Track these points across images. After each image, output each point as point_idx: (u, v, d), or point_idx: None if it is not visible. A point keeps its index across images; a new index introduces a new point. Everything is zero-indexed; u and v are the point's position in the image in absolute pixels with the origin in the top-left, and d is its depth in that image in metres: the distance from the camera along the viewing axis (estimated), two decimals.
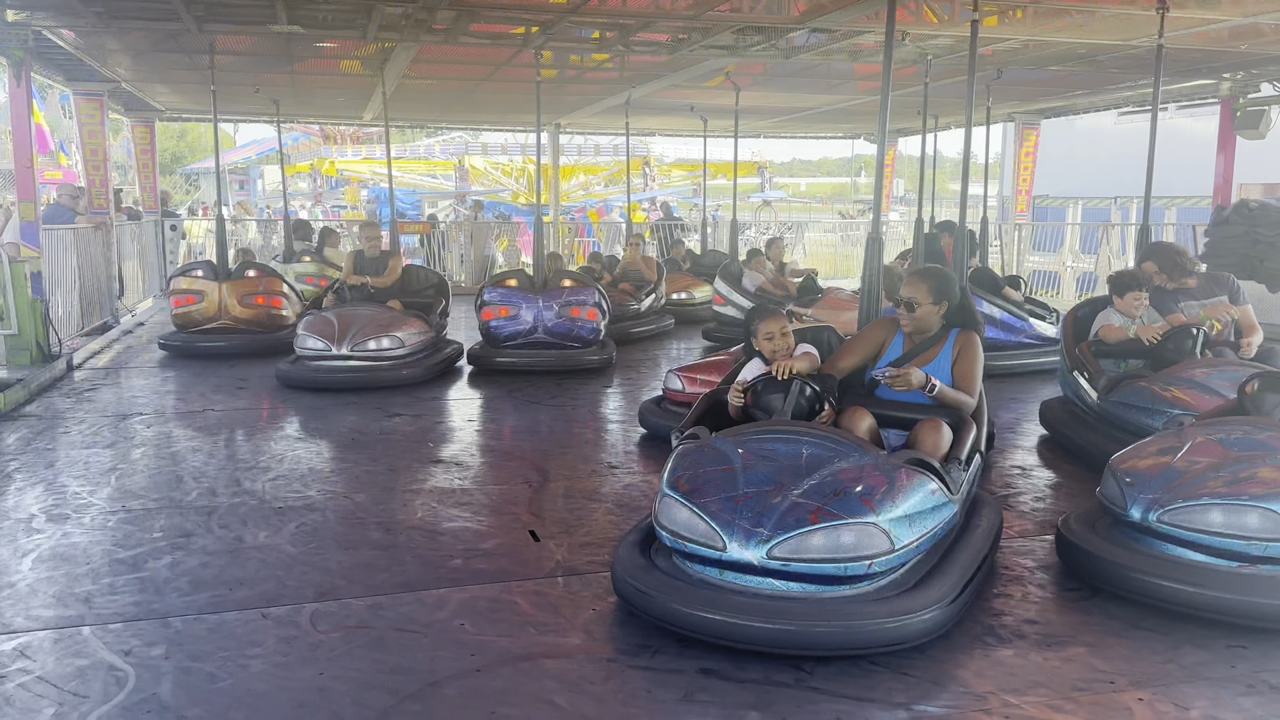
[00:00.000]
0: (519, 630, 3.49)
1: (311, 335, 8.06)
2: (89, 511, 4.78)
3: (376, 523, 4.67)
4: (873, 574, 3.33)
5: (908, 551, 3.40)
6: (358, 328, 8.08)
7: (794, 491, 3.39)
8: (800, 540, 3.26)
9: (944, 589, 3.35)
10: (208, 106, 10.20)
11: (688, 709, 2.98)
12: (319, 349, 7.97)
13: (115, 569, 4.04)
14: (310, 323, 8.26)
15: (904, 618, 3.19)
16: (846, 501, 3.34)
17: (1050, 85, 12.25)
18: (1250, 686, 3.16)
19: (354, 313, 8.38)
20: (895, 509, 3.36)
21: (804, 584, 3.32)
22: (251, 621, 3.55)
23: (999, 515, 4.21)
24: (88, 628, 3.48)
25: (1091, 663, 3.31)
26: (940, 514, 3.56)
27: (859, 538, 3.28)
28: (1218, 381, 5.39)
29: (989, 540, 3.91)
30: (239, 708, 2.95)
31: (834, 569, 3.28)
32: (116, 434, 6.38)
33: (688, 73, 10.67)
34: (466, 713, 2.95)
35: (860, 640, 3.20)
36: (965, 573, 3.52)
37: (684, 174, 27.58)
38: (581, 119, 16.24)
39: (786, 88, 12.40)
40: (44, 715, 2.91)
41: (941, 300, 4.35)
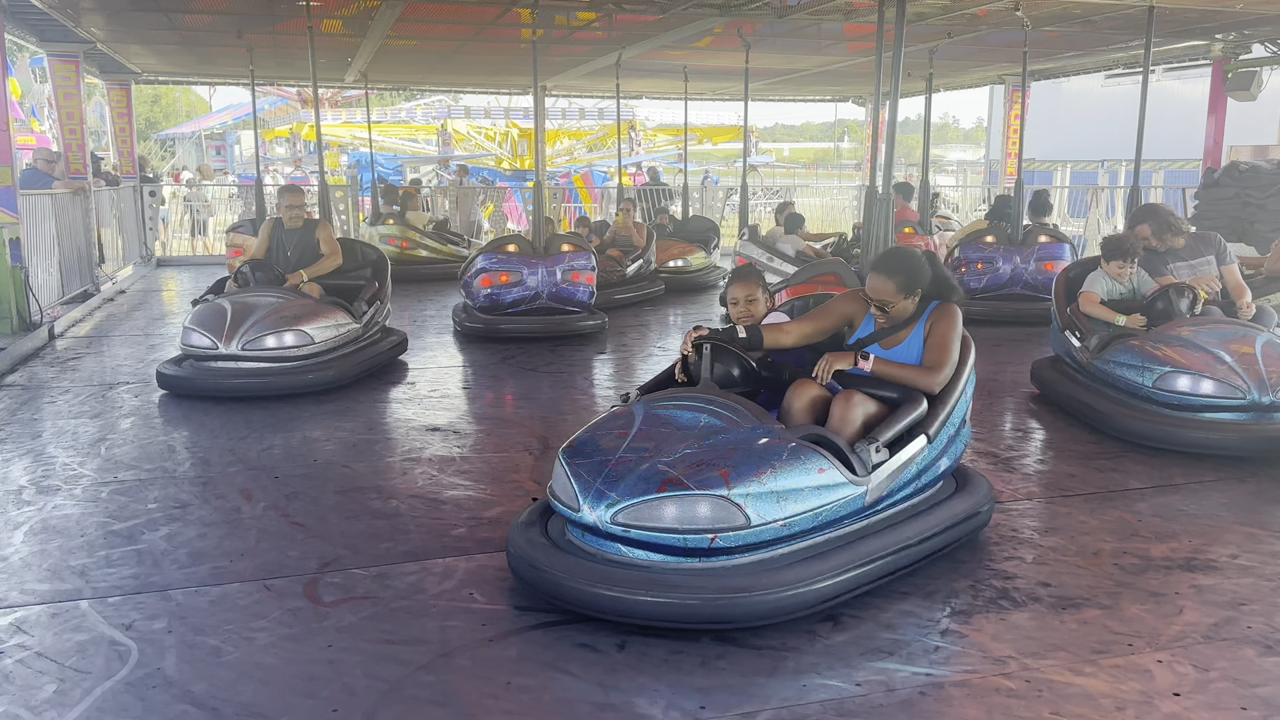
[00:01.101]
0: (529, 598, 3.44)
1: (197, 330, 6.50)
2: (80, 482, 4.69)
3: (376, 492, 4.60)
4: (718, 549, 3.18)
5: (772, 529, 3.21)
6: (253, 320, 6.51)
7: (663, 459, 3.29)
8: (644, 508, 3.18)
9: (803, 574, 3.19)
10: (185, 68, 10.04)
11: (706, 675, 2.94)
12: (204, 346, 6.46)
13: (111, 541, 3.96)
14: (199, 314, 6.67)
15: (735, 595, 3.09)
16: (704, 473, 3.21)
17: (1041, 47, 12.15)
18: (1268, 647, 3.15)
19: (253, 301, 6.74)
20: (759, 485, 3.19)
21: (649, 552, 3.23)
22: (255, 593, 3.48)
23: (973, 500, 3.93)
24: (85, 601, 3.41)
25: (1108, 625, 3.29)
26: (829, 494, 3.33)
27: (709, 510, 3.16)
28: (1206, 339, 5.46)
29: (932, 529, 3.67)
30: (247, 681, 2.89)
31: (674, 539, 3.17)
32: (103, 403, 6.27)
33: (678, 33, 10.51)
34: (481, 683, 2.90)
35: (681, 614, 3.11)
36: (851, 560, 3.33)
37: (669, 138, 27.36)
38: (569, 81, 16.02)
39: (776, 49, 12.26)
40: (46, 692, 2.84)
41: (913, 290, 3.91)
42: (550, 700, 2.82)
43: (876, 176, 7.72)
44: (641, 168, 23.39)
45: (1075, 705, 2.80)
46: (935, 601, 3.47)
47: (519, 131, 24.95)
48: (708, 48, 11.66)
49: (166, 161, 32.39)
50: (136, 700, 2.80)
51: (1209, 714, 2.77)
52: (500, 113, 25.48)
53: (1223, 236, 6.53)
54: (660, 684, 2.90)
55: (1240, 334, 5.52)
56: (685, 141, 17.08)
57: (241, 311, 6.56)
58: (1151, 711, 2.77)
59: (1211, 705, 2.81)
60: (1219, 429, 5.20)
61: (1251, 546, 4.04)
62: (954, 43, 11.28)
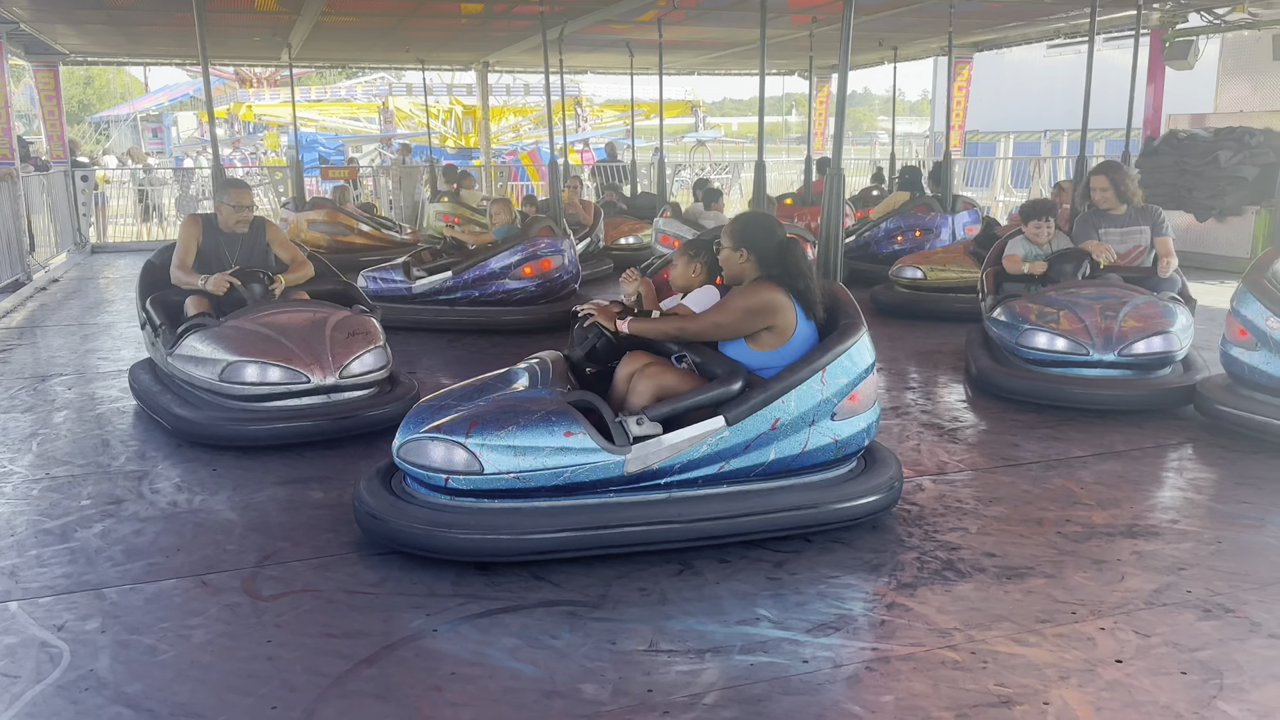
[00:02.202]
0: (476, 588, 3.40)
1: (268, 363, 4.97)
2: (10, 480, 4.55)
3: (318, 482, 4.52)
4: (456, 489, 3.54)
5: (504, 480, 3.48)
6: (333, 341, 5.21)
7: (458, 409, 3.69)
8: (412, 445, 3.62)
9: (514, 523, 3.46)
10: (114, 49, 9.74)
11: (652, 658, 2.93)
12: (289, 381, 5.02)
13: (42, 539, 3.85)
14: (238, 341, 5.05)
15: (439, 529, 3.47)
16: (459, 423, 3.57)
17: (984, 18, 12.23)
18: (1207, 611, 3.21)
19: (297, 318, 5.33)
20: (498, 438, 3.48)
21: (416, 485, 3.69)
22: (191, 590, 3.40)
23: (837, 491, 3.80)
24: (14, 603, 3.30)
25: (1052, 593, 3.33)
26: (575, 457, 3.48)
27: (445, 454, 3.52)
28: (1082, 298, 5.80)
29: (747, 510, 3.66)
30: (183, 680, 2.82)
31: (423, 475, 3.59)
32: (35, 397, 6.10)
33: (620, 6, 10.41)
34: (424, 674, 2.86)
35: (405, 540, 3.55)
36: (593, 524, 3.51)
37: (616, 114, 27.20)
38: (511, 56, 15.83)
39: (719, 22, 12.19)
40: None
41: (740, 247, 3.89)
42: (496, 690, 2.78)
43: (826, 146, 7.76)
44: (589, 144, 23.25)
45: (1020, 675, 2.83)
46: (881, 574, 3.49)
47: (463, 109, 24.65)
48: (651, 22, 11.56)
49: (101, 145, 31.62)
50: (68, 704, 2.72)
51: (1150, 679, 2.81)
52: (443, 89, 25.12)
53: (1162, 206, 6.65)
54: (607, 667, 2.88)
55: (1118, 296, 5.78)
56: (633, 118, 16.97)
57: (301, 331, 5.19)
58: (1094, 679, 2.81)
59: (1153, 671, 2.85)
60: (1070, 383, 5.59)
61: (1190, 511, 4.13)
62: (897, 14, 11.31)
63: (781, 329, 3.76)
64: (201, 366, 5.06)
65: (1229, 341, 5.10)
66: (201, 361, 5.06)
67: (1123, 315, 5.62)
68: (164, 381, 5.45)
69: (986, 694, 2.74)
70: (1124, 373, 5.57)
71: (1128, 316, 5.61)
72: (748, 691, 2.75)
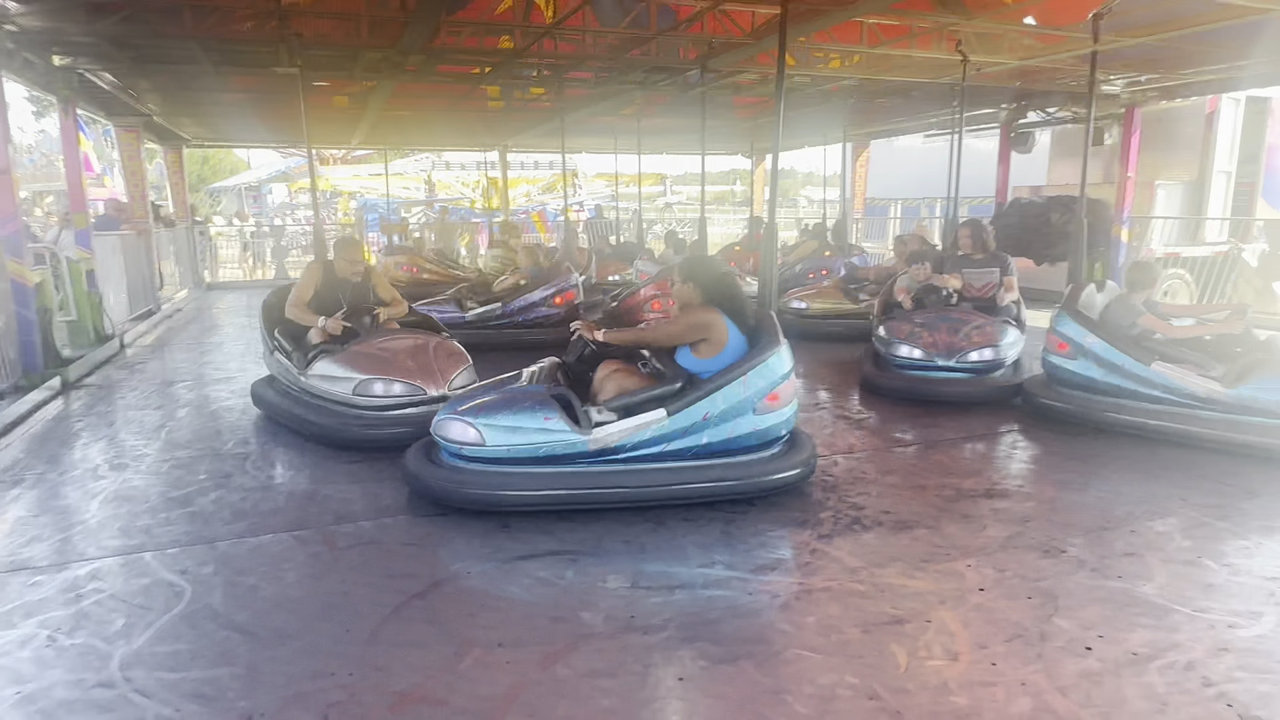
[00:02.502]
0: (500, 540, 3.38)
1: (393, 378, 4.68)
2: (145, 460, 4.49)
3: (374, 463, 4.45)
4: (464, 455, 3.66)
5: (500, 450, 3.59)
6: (445, 363, 4.94)
7: (478, 398, 3.79)
8: (441, 423, 3.74)
9: (506, 482, 3.56)
10: (225, 136, 9.65)
11: (633, 593, 2.92)
12: (405, 394, 4.69)
13: (169, 505, 3.79)
14: (362, 362, 4.76)
15: (456, 486, 3.60)
16: (472, 408, 3.68)
17: (876, 114, 12.32)
18: (1046, 552, 3.23)
19: (413, 342, 5.01)
20: (495, 419, 3.60)
21: (445, 454, 3.78)
22: (284, 543, 3.37)
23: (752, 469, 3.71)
24: (149, 553, 3.27)
25: (933, 540, 3.35)
26: (551, 436, 3.56)
27: (461, 430, 3.64)
28: (937, 320, 5.89)
29: (684, 480, 3.64)
30: (279, 611, 2.79)
31: (449, 446, 3.71)
32: (164, 398, 6.01)
33: (608, 103, 10.43)
34: (461, 605, 2.84)
35: (436, 492, 3.66)
36: (564, 484, 3.56)
37: (605, 183, 27.24)
38: (525, 140, 15.81)
39: (681, 115, 12.21)
40: (116, 625, 2.71)
41: (688, 279, 3.85)
42: (516, 616, 2.77)
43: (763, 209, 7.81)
44: (584, 206, 23.20)
45: (909, 601, 2.84)
46: (806, 528, 3.49)
47: (488, 179, 24.61)
48: (631, 115, 11.57)
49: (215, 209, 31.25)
50: (190, 629, 2.69)
51: (1005, 602, 2.83)
52: (474, 165, 25.06)
53: (1009, 254, 6.73)
54: (599, 599, 2.88)
55: (964, 319, 5.86)
56: (616, 186, 16.98)
57: (412, 353, 4.89)
58: (963, 603, 2.82)
59: (1007, 596, 2.87)
60: (925, 383, 5.64)
61: (1032, 478, 4.16)
62: (810, 111, 11.39)
63: (716, 341, 3.74)
64: (336, 384, 4.75)
65: (1050, 352, 5.15)
66: (336, 379, 4.75)
67: (963, 333, 5.70)
68: (291, 395, 5.07)
69: (884, 614, 2.75)
70: (964, 374, 5.64)
71: (967, 334, 5.70)
72: (705, 616, 2.75)
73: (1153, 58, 8.05)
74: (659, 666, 2.47)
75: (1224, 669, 2.45)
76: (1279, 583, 2.96)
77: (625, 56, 7.77)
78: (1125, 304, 5.06)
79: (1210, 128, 10.68)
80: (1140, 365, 4.73)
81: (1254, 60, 7.63)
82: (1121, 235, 10.43)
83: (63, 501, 3.86)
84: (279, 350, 5.25)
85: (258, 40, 6.90)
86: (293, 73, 7.68)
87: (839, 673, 2.43)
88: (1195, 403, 4.60)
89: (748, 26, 7.07)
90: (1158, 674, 2.42)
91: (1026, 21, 6.89)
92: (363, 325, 5.23)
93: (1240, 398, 4.46)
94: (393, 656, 2.52)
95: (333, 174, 25.69)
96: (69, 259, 7.72)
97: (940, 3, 6.79)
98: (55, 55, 7.46)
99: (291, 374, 5.07)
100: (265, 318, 5.60)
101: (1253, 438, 4.37)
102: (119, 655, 2.54)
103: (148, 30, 6.48)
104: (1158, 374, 4.69)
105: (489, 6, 7.00)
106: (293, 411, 4.93)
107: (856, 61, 8.29)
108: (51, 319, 6.70)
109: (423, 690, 2.36)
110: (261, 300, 5.74)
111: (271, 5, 6.12)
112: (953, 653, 2.53)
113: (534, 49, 7.42)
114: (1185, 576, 3.01)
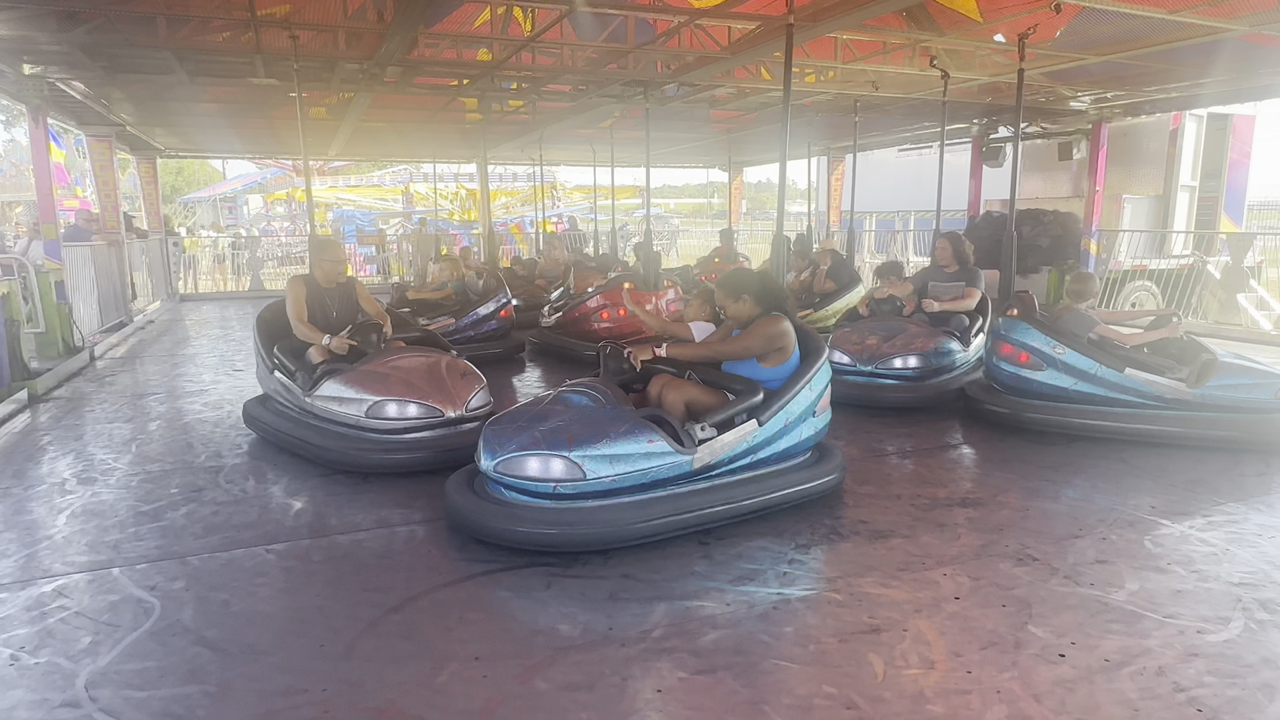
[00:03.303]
0: (478, 554, 3.34)
1: (409, 401, 4.44)
2: (114, 474, 4.40)
3: (349, 475, 4.40)
4: (559, 494, 3.29)
5: (605, 482, 3.28)
6: (452, 383, 4.64)
7: (539, 428, 3.40)
8: (511, 461, 3.34)
9: (621, 517, 3.27)
10: (199, 146, 9.55)
11: (611, 604, 2.90)
12: (424, 417, 4.46)
13: (139, 520, 3.72)
14: (373, 383, 4.50)
15: (563, 528, 3.24)
16: (555, 438, 3.33)
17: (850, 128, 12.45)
18: (1019, 560, 3.26)
19: (422, 362, 4.75)
20: (596, 450, 3.28)
21: (517, 494, 3.37)
22: (257, 557, 3.31)
23: (811, 473, 3.80)
24: (117, 569, 3.19)
25: (908, 549, 3.36)
26: (656, 459, 3.34)
27: (550, 466, 3.28)
28: (874, 329, 6.00)
29: (768, 491, 3.63)
30: (251, 626, 2.74)
31: (529, 484, 3.31)
32: (134, 410, 5.91)
33: (586, 116, 10.45)
34: (437, 618, 2.80)
35: (527, 539, 3.27)
36: (672, 511, 3.36)
37: (582, 195, 27.29)
38: (504, 153, 15.80)
39: (657, 129, 12.28)
40: (82, 644, 2.64)
41: (740, 295, 3.81)
42: (494, 630, 2.74)
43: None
44: (563, 218, 23.21)
45: (885, 610, 2.85)
46: (784, 539, 3.49)
47: (466, 191, 24.54)
48: (608, 128, 11.61)
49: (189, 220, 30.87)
50: (159, 646, 2.63)
51: (980, 610, 2.84)
52: (451, 177, 25.00)
53: (981, 267, 6.81)
54: (578, 612, 2.85)
55: (899, 329, 5.96)
56: (594, 198, 17.03)
57: (425, 373, 4.63)
58: (939, 612, 2.83)
59: (981, 604, 2.89)
60: (855, 388, 5.73)
61: (1006, 487, 4.18)
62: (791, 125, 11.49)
63: (787, 349, 3.79)
64: (346, 405, 4.41)
65: (1007, 362, 5.17)
66: (346, 401, 4.41)
67: (891, 341, 5.81)
68: (291, 417, 4.73)
69: (861, 624, 2.75)
70: (892, 381, 5.73)
71: (894, 342, 5.79)
72: (684, 627, 2.74)
73: (1118, 75, 8.22)
74: (637, 679, 2.45)
75: (1194, 674, 2.47)
76: (1245, 588, 3.01)
77: (603, 70, 7.81)
78: (1078, 315, 5.16)
79: (1174, 144, 10.92)
80: (1114, 372, 4.84)
81: (1213, 79, 7.82)
82: (1090, 248, 10.61)
83: (28, 517, 3.77)
84: (280, 369, 4.86)
85: (234, 51, 6.84)
86: (270, 83, 7.62)
87: (817, 682, 2.43)
88: (1162, 404, 4.82)
89: (724, 41, 7.13)
90: (1129, 680, 2.44)
91: (996, 39, 7.01)
92: (370, 343, 4.87)
93: (1204, 396, 4.74)
94: (368, 672, 2.48)
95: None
96: (38, 270, 7.59)
97: (912, 20, 6.89)
98: (25, 64, 7.36)
99: (294, 394, 4.71)
100: (262, 334, 5.17)
101: (1219, 432, 4.67)
102: (85, 674, 2.48)
103: (121, 39, 6.40)
104: (1131, 379, 4.82)
105: (467, 19, 7.01)
106: (295, 434, 4.59)
107: (831, 77, 8.38)
108: (19, 331, 6.57)
109: (399, 706, 2.32)
110: (256, 314, 5.31)
111: (248, 16, 6.07)
112: (929, 661, 2.53)
113: (512, 62, 7.43)
114: (1155, 583, 3.05)
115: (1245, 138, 11.55)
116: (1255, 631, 2.71)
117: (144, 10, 6.13)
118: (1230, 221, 11.56)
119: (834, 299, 8.61)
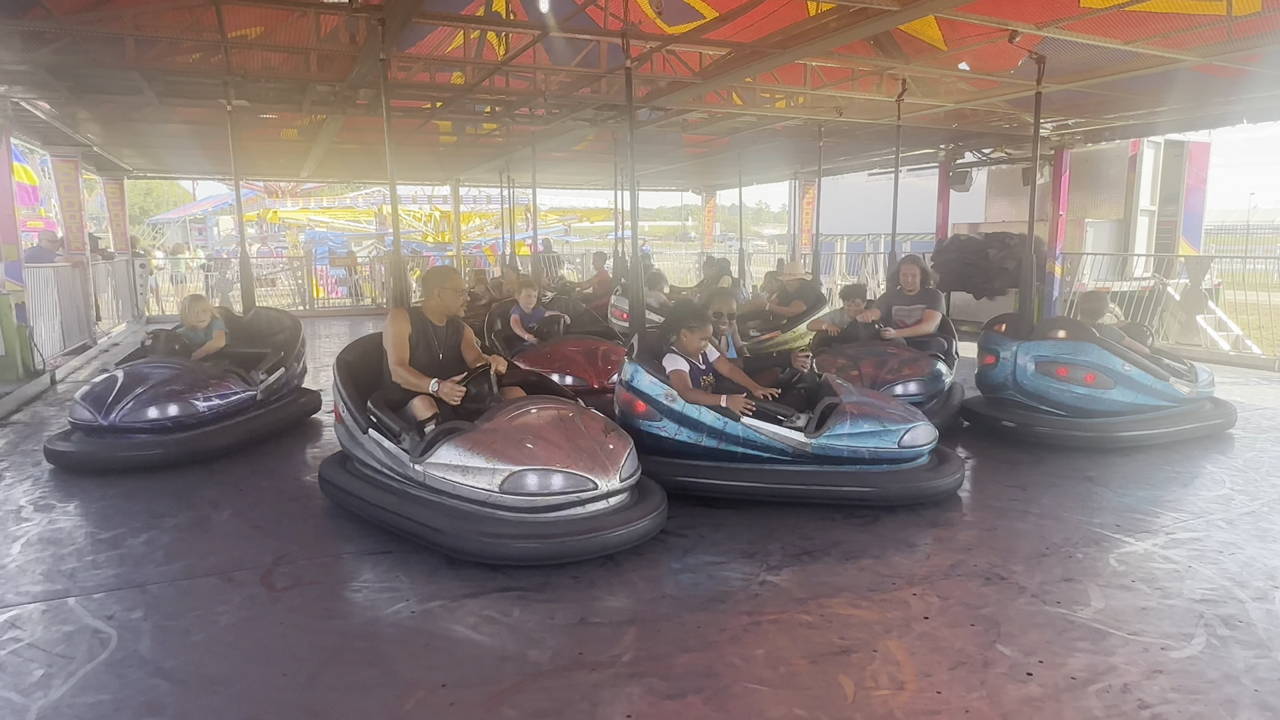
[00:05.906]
0: (445, 579, 3.30)
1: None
2: (72, 501, 4.28)
3: (322, 500, 4.34)
4: None
5: None
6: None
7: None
8: None
9: None
10: (168, 167, 9.44)
11: (581, 629, 2.87)
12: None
13: (97, 547, 3.62)
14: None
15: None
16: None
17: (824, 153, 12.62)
18: (988, 579, 3.27)
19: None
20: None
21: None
22: (219, 584, 3.23)
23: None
24: (73, 598, 3.10)
25: (879, 570, 3.37)
26: None
27: None
28: (865, 353, 6.00)
29: None
30: (211, 656, 2.67)
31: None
32: None
33: (559, 140, 10.50)
34: (404, 645, 2.75)
35: None
36: None
37: (557, 217, 27.35)
38: (477, 175, 15.81)
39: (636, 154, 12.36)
40: (34, 677, 2.56)
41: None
42: (461, 656, 2.69)
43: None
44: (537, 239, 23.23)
45: (855, 631, 2.84)
46: (755, 560, 3.48)
47: (440, 214, 24.50)
48: (583, 150, 11.68)
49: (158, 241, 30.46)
50: (115, 678, 2.55)
51: (949, 630, 2.85)
52: (425, 199, 24.93)
53: (949, 289, 6.91)
54: (547, 636, 2.82)
55: (892, 354, 5.95)
56: (567, 220, 17.09)
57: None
58: (909, 632, 2.84)
59: (951, 624, 2.90)
60: None
61: (974, 508, 4.21)
62: (763, 149, 11.63)
63: None
64: (473, 476, 3.43)
65: (1077, 384, 5.30)
66: (472, 471, 3.44)
67: (887, 368, 5.80)
68: (390, 487, 3.79)
69: (832, 645, 2.75)
70: None
71: (888, 368, 5.79)
72: (654, 651, 2.71)
73: (1078, 103, 8.44)
74: (607, 704, 2.42)
75: (1158, 691, 2.50)
76: (1208, 604, 3.05)
77: (576, 94, 7.86)
78: (1114, 331, 5.58)
79: (1134, 169, 11.21)
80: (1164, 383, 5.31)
81: (1168, 107, 8.05)
82: (1055, 270, 10.82)
83: None
84: (379, 429, 3.85)
85: (203, 72, 6.79)
86: (243, 105, 7.56)
87: (788, 705, 2.41)
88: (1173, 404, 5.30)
89: (696, 67, 7.22)
90: (1096, 697, 2.46)
91: (961, 67, 7.18)
92: (484, 392, 4.02)
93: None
94: (331, 701, 2.43)
95: (279, 207, 25.31)
96: None
97: (880, 48, 7.04)
98: None
99: (399, 462, 3.71)
100: (345, 380, 4.16)
101: None
102: (36, 708, 2.40)
103: (87, 60, 6.32)
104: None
105: (440, 43, 7.03)
106: (399, 511, 3.64)
107: (801, 103, 8.51)
108: None
109: None
110: (335, 359, 4.33)
111: (218, 37, 6.04)
112: (899, 682, 2.53)
113: (485, 85, 7.46)
114: (1120, 600, 3.08)
115: (1201, 164, 11.90)
116: (1217, 648, 2.74)
117: (112, 30, 6.08)
118: (1188, 245, 11.87)
119: (802, 320, 8.64)
